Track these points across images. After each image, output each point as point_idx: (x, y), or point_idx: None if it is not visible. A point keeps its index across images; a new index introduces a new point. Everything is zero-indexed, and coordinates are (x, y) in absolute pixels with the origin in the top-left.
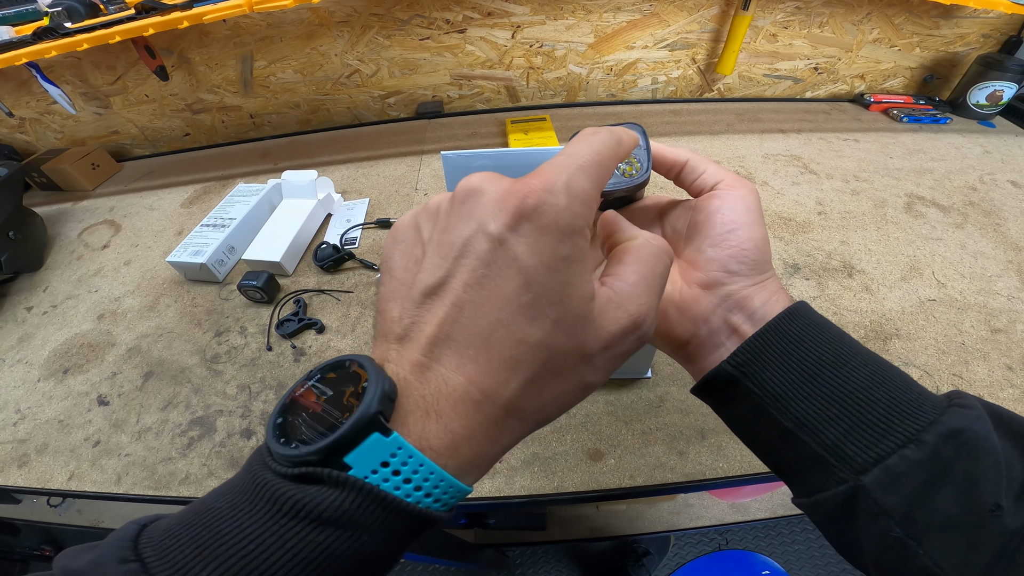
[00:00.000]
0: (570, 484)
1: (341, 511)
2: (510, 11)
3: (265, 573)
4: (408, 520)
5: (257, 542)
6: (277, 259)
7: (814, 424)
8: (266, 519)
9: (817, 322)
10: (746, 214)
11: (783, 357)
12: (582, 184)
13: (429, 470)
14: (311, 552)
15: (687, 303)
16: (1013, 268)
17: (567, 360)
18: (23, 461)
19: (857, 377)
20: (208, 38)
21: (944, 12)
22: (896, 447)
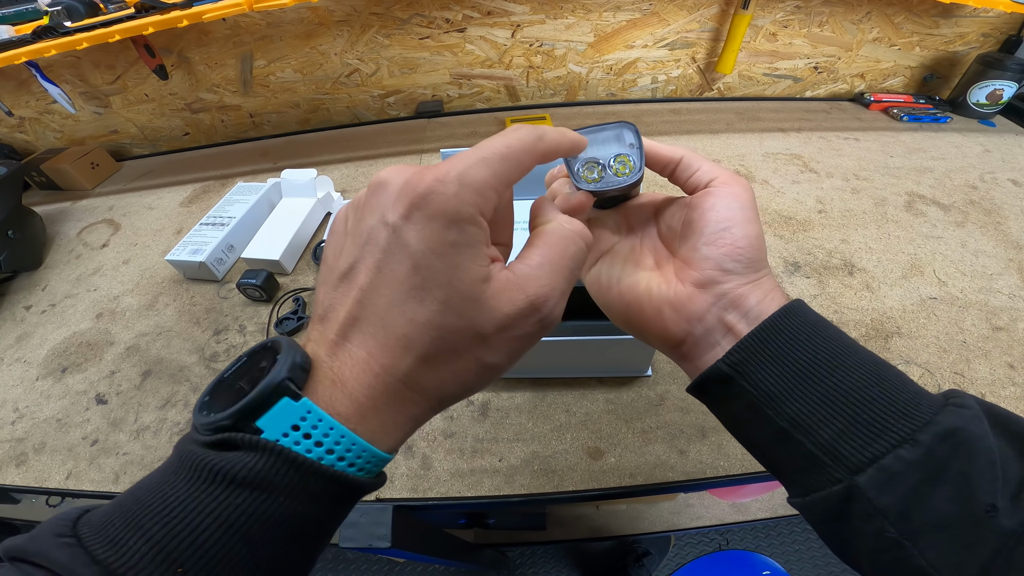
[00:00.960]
0: (570, 483)
1: (255, 472)
2: (510, 10)
3: (188, 538)
4: (326, 482)
5: (180, 508)
6: (276, 257)
7: (808, 423)
8: (188, 487)
9: (813, 320)
10: (740, 211)
11: (778, 356)
12: (478, 174)
13: (340, 433)
14: (230, 514)
15: (681, 302)
16: (1014, 266)
17: (460, 339)
18: (21, 460)
19: (853, 376)
20: (208, 37)
21: (944, 11)
22: (891, 447)
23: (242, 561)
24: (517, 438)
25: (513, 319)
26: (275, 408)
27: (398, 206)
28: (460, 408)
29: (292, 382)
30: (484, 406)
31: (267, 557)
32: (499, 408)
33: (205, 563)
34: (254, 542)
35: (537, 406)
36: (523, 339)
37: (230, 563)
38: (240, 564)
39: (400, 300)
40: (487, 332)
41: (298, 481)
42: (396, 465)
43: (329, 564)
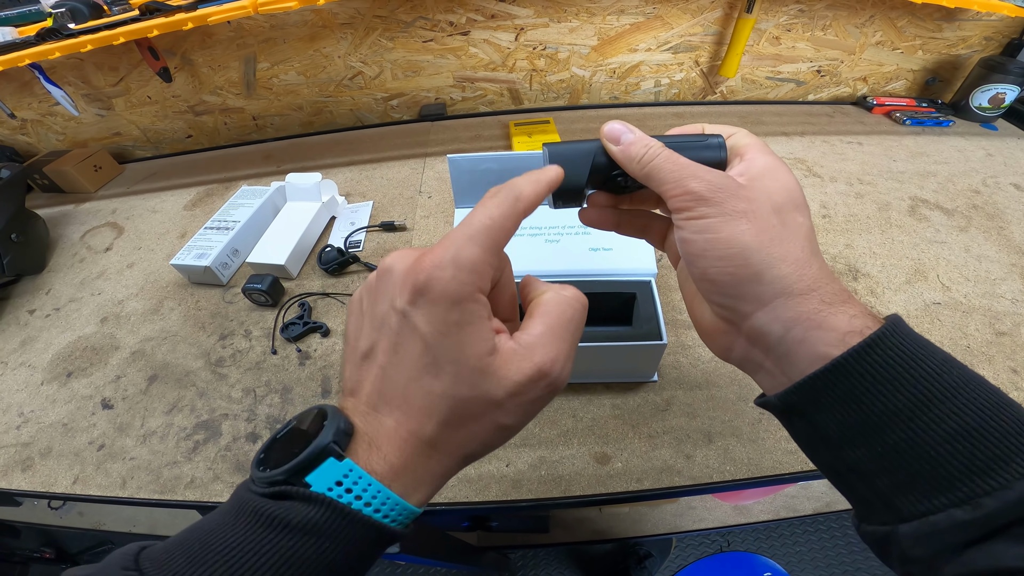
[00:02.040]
0: (577, 488)
1: (309, 520)
2: (513, 13)
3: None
4: (365, 530)
5: (239, 548)
6: (281, 262)
7: (867, 470)
8: (247, 530)
9: (907, 355)
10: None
11: (846, 401)
12: (470, 253)
13: (376, 488)
14: (283, 555)
15: (709, 332)
16: (1017, 271)
17: (475, 406)
18: (27, 465)
19: (937, 428)
20: (211, 40)
21: (947, 15)
22: (948, 505)
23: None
24: (524, 443)
25: (523, 386)
26: (322, 466)
27: (404, 293)
28: None
29: (337, 444)
30: None
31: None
32: None
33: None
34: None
35: (544, 411)
36: (534, 402)
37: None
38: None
39: (417, 376)
40: (499, 399)
41: (343, 528)
42: None
43: None
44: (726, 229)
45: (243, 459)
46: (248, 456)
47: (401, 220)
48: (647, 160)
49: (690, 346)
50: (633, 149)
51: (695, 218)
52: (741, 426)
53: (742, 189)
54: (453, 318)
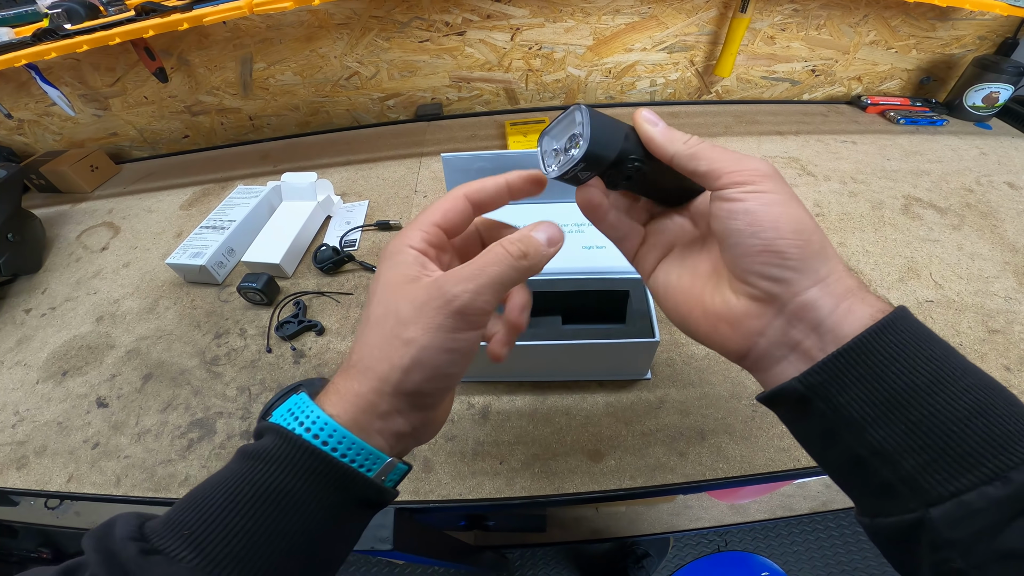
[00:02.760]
0: (571, 485)
1: (261, 447)
2: (509, 13)
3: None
4: (308, 456)
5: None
6: (277, 261)
7: (892, 452)
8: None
9: (918, 336)
10: (768, 210)
11: (867, 379)
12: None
13: (316, 414)
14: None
15: (737, 318)
16: (1010, 269)
17: (385, 322)
18: (22, 463)
19: (955, 404)
20: (208, 40)
21: (940, 14)
22: (977, 483)
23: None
24: (518, 441)
25: (424, 301)
26: (283, 404)
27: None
28: (461, 411)
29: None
30: (485, 410)
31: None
32: (500, 411)
33: (205, 527)
34: (250, 507)
35: (537, 409)
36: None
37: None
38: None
39: (362, 317)
40: (403, 312)
41: (288, 453)
42: None
43: None
44: (793, 203)
45: None
46: None
47: (397, 219)
48: (693, 143)
49: (683, 344)
50: (675, 132)
51: (762, 191)
52: (734, 424)
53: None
54: (385, 266)
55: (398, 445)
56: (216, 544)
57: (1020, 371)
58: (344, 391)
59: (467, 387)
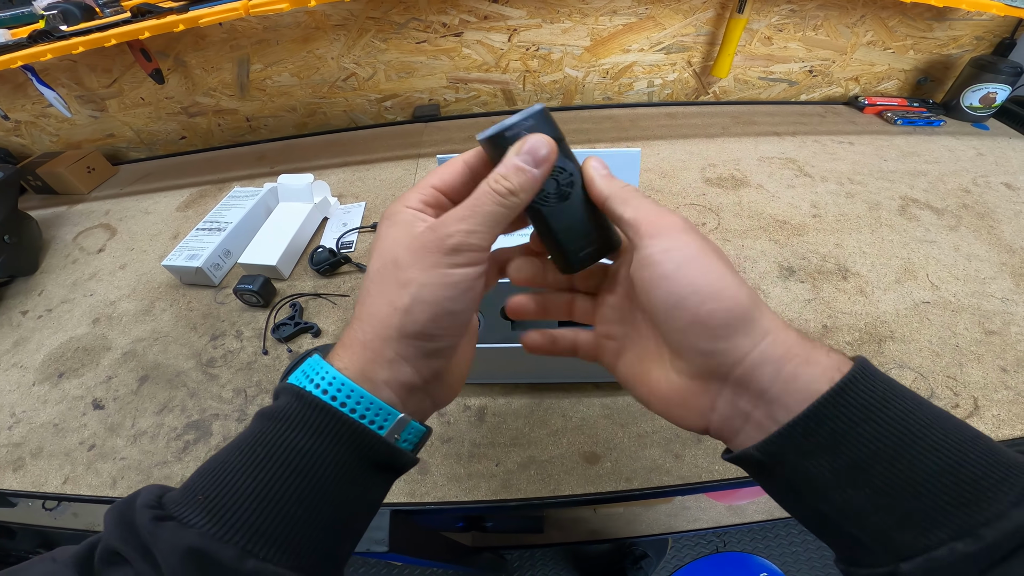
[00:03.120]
0: (567, 487)
1: (274, 407)
2: (506, 14)
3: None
4: (321, 414)
5: (229, 448)
6: (273, 263)
7: (859, 512)
8: (244, 431)
9: (877, 397)
10: (685, 272)
11: (827, 447)
12: (414, 188)
13: (327, 371)
14: (247, 439)
15: (684, 398)
16: (1007, 270)
17: (385, 271)
18: (18, 465)
19: (921, 465)
20: (204, 41)
21: (937, 14)
22: (946, 539)
23: (247, 489)
24: (514, 443)
25: (419, 243)
26: (300, 366)
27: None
28: (457, 413)
29: (320, 353)
30: (481, 411)
31: (272, 488)
32: (496, 413)
33: (219, 492)
34: (263, 470)
35: (534, 411)
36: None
37: (237, 491)
38: (245, 491)
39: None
40: (401, 259)
41: (302, 411)
42: None
43: None
44: (709, 258)
45: None
46: None
47: None
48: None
49: None
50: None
51: (676, 248)
52: None
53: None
54: (384, 226)
55: (410, 400)
56: (228, 508)
57: (1017, 372)
58: (349, 341)
59: (463, 389)
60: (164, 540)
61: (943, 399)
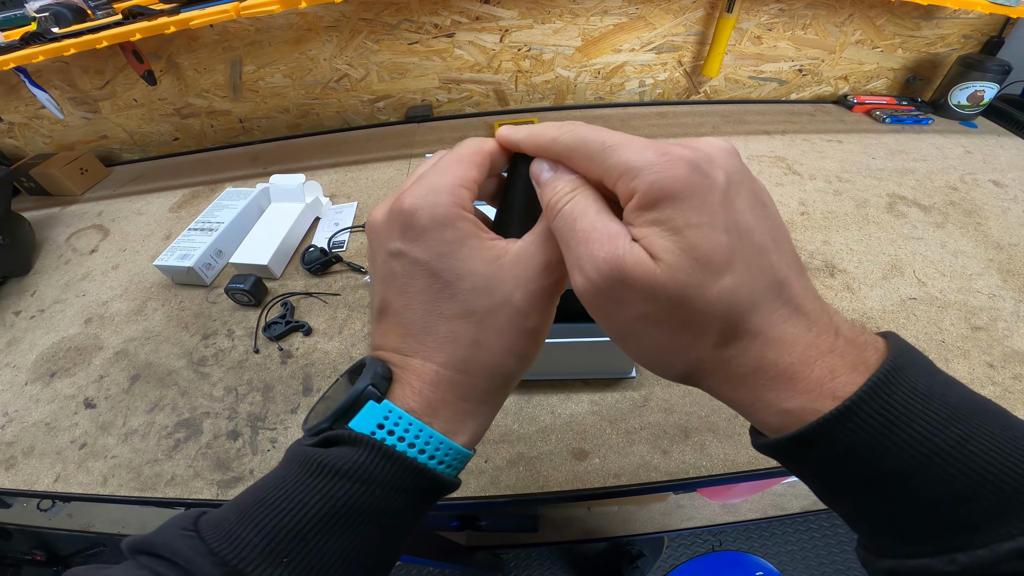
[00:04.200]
0: (555, 484)
1: (357, 465)
2: (498, 15)
3: (294, 527)
4: (413, 475)
5: (289, 499)
6: (264, 262)
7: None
8: (297, 479)
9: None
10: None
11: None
12: (442, 180)
13: (418, 427)
14: (333, 504)
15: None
16: (994, 266)
17: (498, 315)
18: (10, 463)
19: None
20: (196, 43)
21: (924, 13)
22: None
23: (336, 551)
24: (503, 439)
25: (536, 281)
26: (363, 410)
27: (394, 235)
28: None
29: (375, 388)
30: None
31: (359, 549)
32: None
33: (306, 553)
34: (350, 532)
35: (523, 408)
36: (548, 297)
37: (327, 553)
38: (335, 554)
39: (432, 306)
40: (517, 299)
41: (390, 472)
42: None
43: None
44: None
45: (224, 456)
46: (228, 454)
47: None
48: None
49: None
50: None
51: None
52: (717, 422)
53: None
54: (448, 237)
55: None
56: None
57: (1004, 368)
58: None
59: None
60: None
61: None
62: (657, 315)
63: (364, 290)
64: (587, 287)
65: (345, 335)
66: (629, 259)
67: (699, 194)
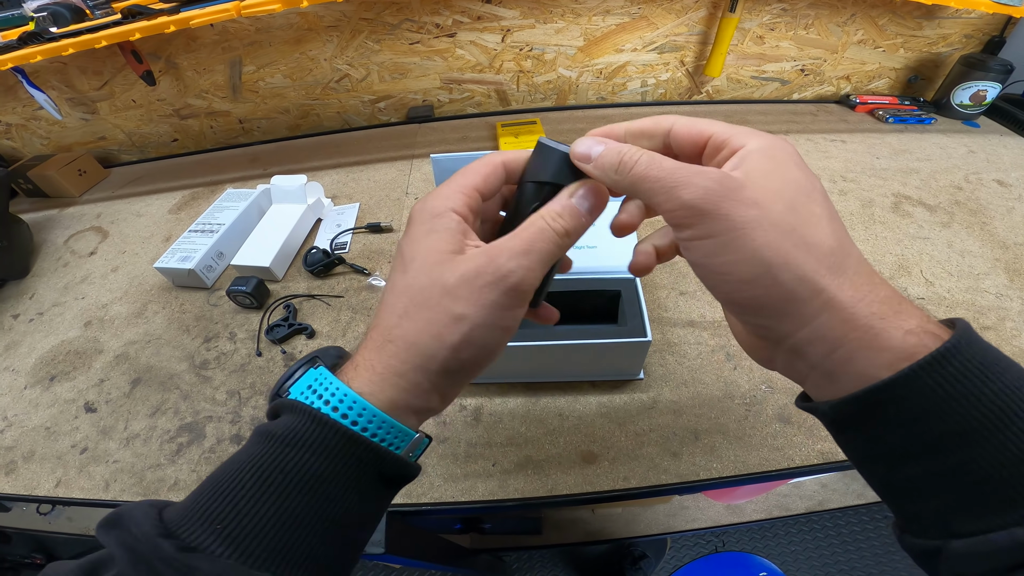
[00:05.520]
0: (564, 487)
1: (287, 428)
2: (499, 15)
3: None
4: (341, 439)
5: (231, 469)
6: (266, 264)
7: (917, 490)
8: (247, 451)
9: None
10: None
11: (900, 421)
12: (446, 188)
13: (335, 386)
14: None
15: (748, 345)
16: (1001, 266)
17: (429, 294)
18: (10, 468)
19: (1001, 453)
20: (196, 43)
21: (926, 13)
22: (1009, 524)
23: (269, 515)
24: (510, 443)
25: (474, 272)
26: (302, 377)
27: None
28: (453, 413)
29: (320, 359)
30: (477, 411)
31: (295, 514)
32: (492, 413)
33: (238, 518)
34: (280, 496)
35: (530, 411)
36: (485, 293)
37: (259, 517)
38: (268, 518)
39: (393, 283)
40: (450, 284)
41: (317, 435)
42: None
43: None
44: (740, 247)
45: None
46: None
47: (387, 221)
48: (625, 170)
49: (676, 343)
50: (606, 159)
51: (699, 238)
52: (727, 423)
53: (744, 189)
54: (425, 228)
55: (424, 419)
56: (251, 537)
57: None
58: (381, 369)
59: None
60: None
61: None
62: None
63: (367, 292)
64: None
65: (349, 337)
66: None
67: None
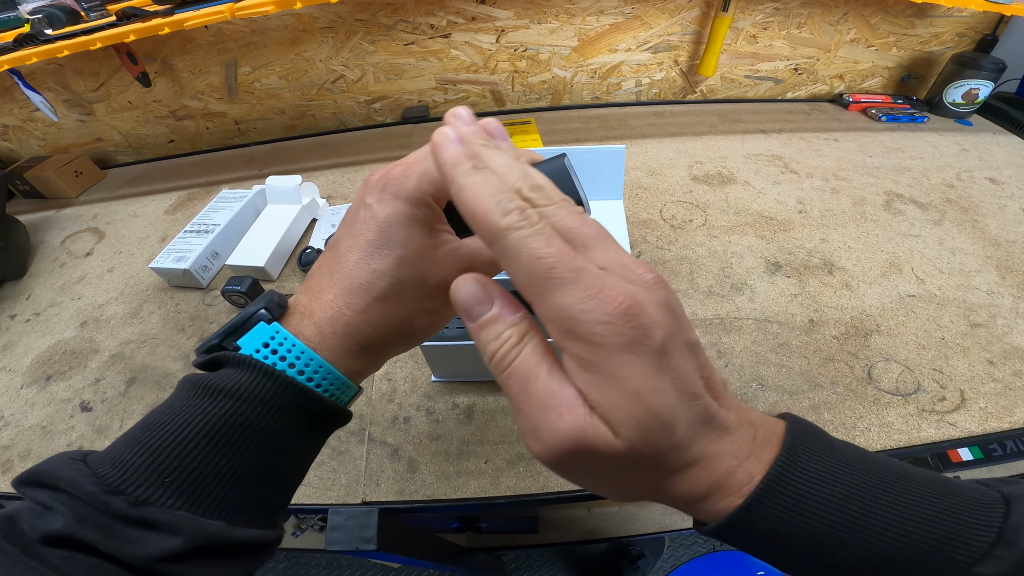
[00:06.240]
0: (556, 484)
1: (238, 383)
2: (494, 15)
3: (176, 448)
4: (293, 394)
5: (173, 422)
6: (261, 264)
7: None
8: (184, 403)
9: (774, 525)
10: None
11: (753, 547)
12: (422, 166)
13: (300, 349)
14: (214, 423)
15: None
16: (992, 263)
17: (410, 288)
18: (6, 467)
19: (854, 551)
20: (191, 44)
21: (918, 11)
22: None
23: (221, 469)
24: (502, 440)
25: (454, 275)
26: (252, 331)
27: (375, 191)
28: (446, 411)
29: (268, 311)
30: (469, 409)
31: (246, 468)
32: (484, 410)
33: (189, 472)
34: (235, 451)
35: None
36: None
37: (211, 471)
38: (220, 472)
39: (366, 256)
40: (431, 283)
41: (271, 391)
42: (383, 468)
43: (323, 570)
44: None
45: None
46: None
47: None
48: (498, 371)
49: None
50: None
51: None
52: None
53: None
54: (408, 212)
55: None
56: (204, 490)
57: (1003, 365)
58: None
59: (451, 387)
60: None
61: (930, 392)
62: (617, 471)
63: None
64: (546, 455)
65: None
66: (591, 432)
67: (642, 355)
